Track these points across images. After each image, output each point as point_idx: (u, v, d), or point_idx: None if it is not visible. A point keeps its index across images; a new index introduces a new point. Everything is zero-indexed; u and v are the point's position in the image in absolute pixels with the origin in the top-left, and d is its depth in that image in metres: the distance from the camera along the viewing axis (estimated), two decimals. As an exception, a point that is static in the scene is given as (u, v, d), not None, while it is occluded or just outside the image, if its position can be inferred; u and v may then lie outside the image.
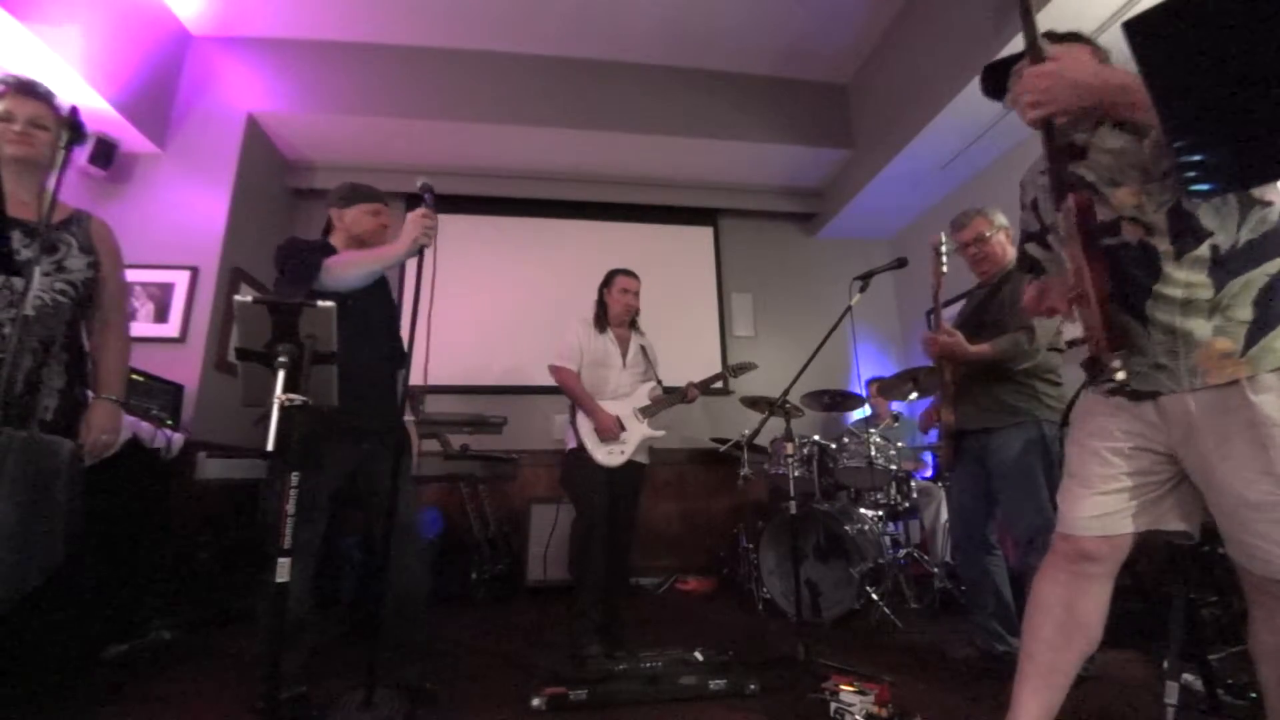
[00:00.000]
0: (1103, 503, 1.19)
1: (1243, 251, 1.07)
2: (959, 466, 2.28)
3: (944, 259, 2.28)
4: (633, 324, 2.80)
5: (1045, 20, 2.73)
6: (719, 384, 2.95)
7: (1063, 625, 1.21)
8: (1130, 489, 1.18)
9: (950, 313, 2.55)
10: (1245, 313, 1.05)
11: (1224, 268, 1.08)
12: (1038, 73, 1.11)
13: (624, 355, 2.72)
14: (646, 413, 2.66)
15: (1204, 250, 1.09)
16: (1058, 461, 1.90)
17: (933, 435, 3.00)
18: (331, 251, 1.87)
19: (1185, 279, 1.10)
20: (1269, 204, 1.06)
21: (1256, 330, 1.04)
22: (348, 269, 1.77)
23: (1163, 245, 1.13)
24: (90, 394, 1.61)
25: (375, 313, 1.95)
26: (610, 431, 2.53)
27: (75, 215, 1.64)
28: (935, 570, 3.18)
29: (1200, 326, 1.09)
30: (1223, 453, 1.06)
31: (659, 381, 2.79)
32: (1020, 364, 2.09)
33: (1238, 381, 1.04)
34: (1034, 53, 1.15)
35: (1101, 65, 1.18)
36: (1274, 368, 1.02)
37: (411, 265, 1.77)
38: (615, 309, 2.74)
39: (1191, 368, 1.09)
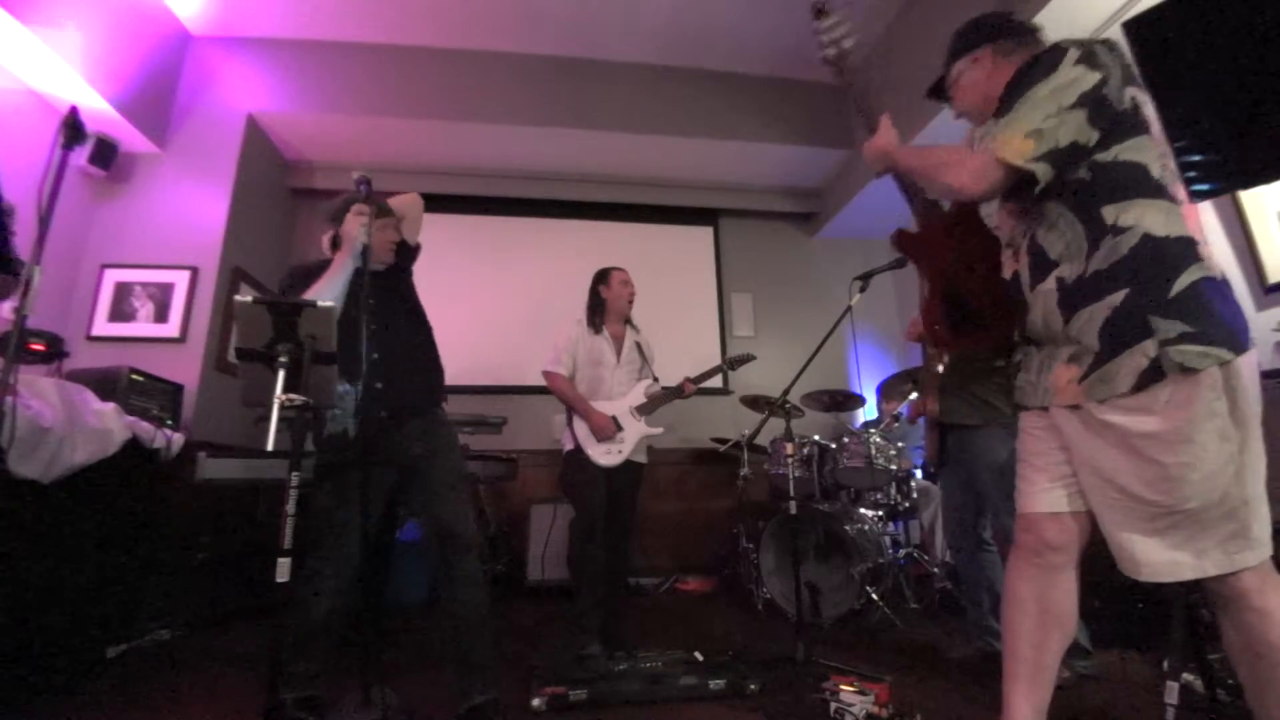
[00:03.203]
0: (1047, 479, 1.24)
1: (1089, 283, 1.11)
2: (946, 463, 2.28)
3: None
4: (627, 320, 2.80)
5: (1045, 20, 2.74)
6: (718, 380, 2.94)
7: (1039, 619, 1.24)
8: (1066, 461, 1.22)
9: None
10: (1093, 342, 1.12)
11: (1070, 300, 1.14)
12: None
13: (618, 353, 2.71)
14: (643, 410, 2.65)
15: (1050, 283, 1.17)
16: None
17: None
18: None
19: (1041, 309, 1.20)
20: (1124, 229, 1.08)
21: (1098, 361, 1.11)
22: (318, 296, 1.72)
23: (1025, 275, 1.23)
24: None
25: (389, 303, 1.92)
26: (606, 431, 2.53)
27: None
28: (935, 570, 3.18)
29: (1059, 352, 1.18)
30: (1080, 458, 1.16)
31: (655, 378, 2.79)
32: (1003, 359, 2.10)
33: (1086, 405, 1.12)
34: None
35: (895, 147, 1.40)
36: (1102, 398, 1.09)
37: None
38: (617, 303, 2.72)
39: (1046, 387, 1.21)
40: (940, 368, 2.24)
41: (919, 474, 3.57)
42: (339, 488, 1.74)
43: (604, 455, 2.53)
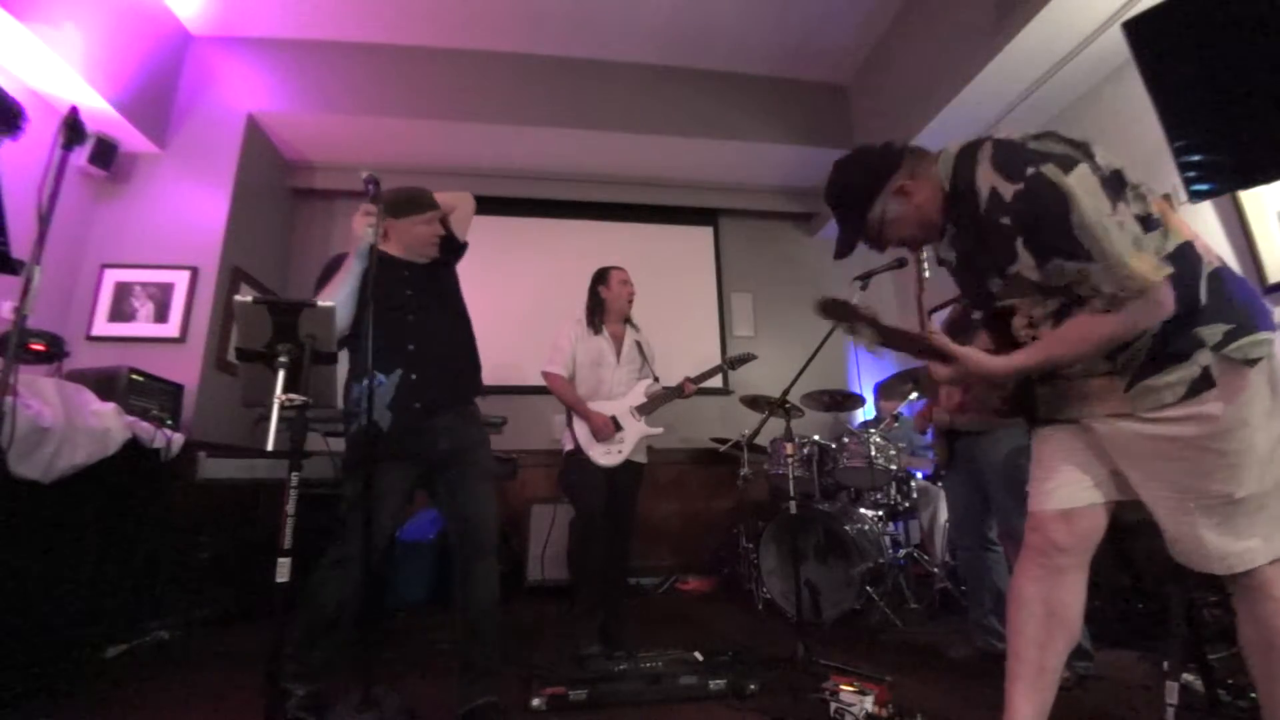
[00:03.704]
0: (1061, 476, 1.25)
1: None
2: (953, 466, 2.29)
3: (925, 265, 2.27)
4: (627, 320, 2.79)
5: (1045, 20, 2.75)
6: (718, 380, 2.94)
7: (1044, 620, 1.24)
8: (1082, 463, 1.23)
9: (940, 316, 2.55)
10: (1138, 360, 1.14)
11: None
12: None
13: (618, 353, 2.71)
14: (643, 410, 2.65)
15: None
16: None
17: (930, 434, 3.02)
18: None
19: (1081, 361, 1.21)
20: None
21: (1142, 373, 1.13)
22: (330, 296, 1.74)
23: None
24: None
25: (430, 296, 1.94)
26: (605, 432, 2.53)
27: None
28: (935, 570, 3.18)
29: (1097, 374, 1.20)
30: (1134, 465, 1.16)
31: (656, 378, 2.79)
32: None
33: (1137, 413, 1.13)
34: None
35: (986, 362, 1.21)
36: (1152, 407, 1.11)
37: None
38: (617, 302, 2.72)
39: (1082, 395, 1.22)
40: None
41: (919, 475, 3.57)
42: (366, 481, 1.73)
43: (604, 455, 2.52)
